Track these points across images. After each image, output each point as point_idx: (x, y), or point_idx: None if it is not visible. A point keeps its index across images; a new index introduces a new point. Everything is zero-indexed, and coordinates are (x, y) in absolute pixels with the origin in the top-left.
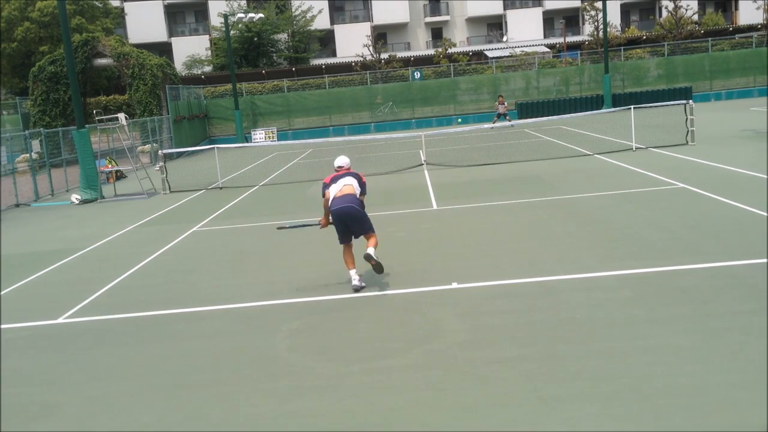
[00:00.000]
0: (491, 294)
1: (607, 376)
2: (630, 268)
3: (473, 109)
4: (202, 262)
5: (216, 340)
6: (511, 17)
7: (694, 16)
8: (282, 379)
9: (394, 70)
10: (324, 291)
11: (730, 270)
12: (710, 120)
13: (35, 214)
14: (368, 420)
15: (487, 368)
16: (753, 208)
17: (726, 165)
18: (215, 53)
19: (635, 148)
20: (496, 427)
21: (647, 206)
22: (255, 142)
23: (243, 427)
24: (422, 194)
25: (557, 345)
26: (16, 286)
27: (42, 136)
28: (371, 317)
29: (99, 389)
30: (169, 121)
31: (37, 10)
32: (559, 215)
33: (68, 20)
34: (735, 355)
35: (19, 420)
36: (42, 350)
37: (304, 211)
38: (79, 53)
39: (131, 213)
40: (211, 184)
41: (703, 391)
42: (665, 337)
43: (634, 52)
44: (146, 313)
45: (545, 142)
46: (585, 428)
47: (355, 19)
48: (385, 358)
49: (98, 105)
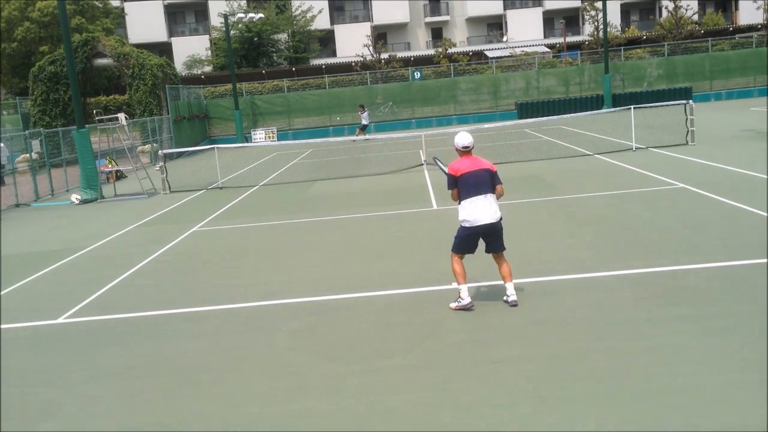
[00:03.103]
0: (491, 294)
1: (607, 376)
2: (630, 268)
3: (473, 109)
4: (202, 262)
5: (216, 340)
6: (511, 17)
7: (694, 16)
8: (282, 379)
9: (394, 70)
10: (324, 291)
11: (730, 270)
12: (710, 120)
13: (35, 214)
14: (368, 420)
15: (487, 368)
16: (753, 208)
17: (726, 165)
18: (215, 53)
19: (635, 148)
20: (496, 427)
21: (647, 206)
22: (255, 142)
23: (243, 427)
24: (422, 194)
25: (557, 345)
26: (16, 286)
27: (42, 136)
28: (371, 317)
29: (99, 389)
30: (169, 121)
31: (37, 10)
32: (559, 215)
33: (68, 20)
34: (735, 355)
35: (19, 420)
36: (42, 350)
37: (305, 210)
38: (79, 53)
39: (131, 213)
40: (211, 184)
41: (703, 391)
42: (665, 337)
43: (634, 52)
44: (146, 313)
45: (545, 142)
46: (585, 428)
47: (355, 19)
48: (385, 358)
49: (98, 105)
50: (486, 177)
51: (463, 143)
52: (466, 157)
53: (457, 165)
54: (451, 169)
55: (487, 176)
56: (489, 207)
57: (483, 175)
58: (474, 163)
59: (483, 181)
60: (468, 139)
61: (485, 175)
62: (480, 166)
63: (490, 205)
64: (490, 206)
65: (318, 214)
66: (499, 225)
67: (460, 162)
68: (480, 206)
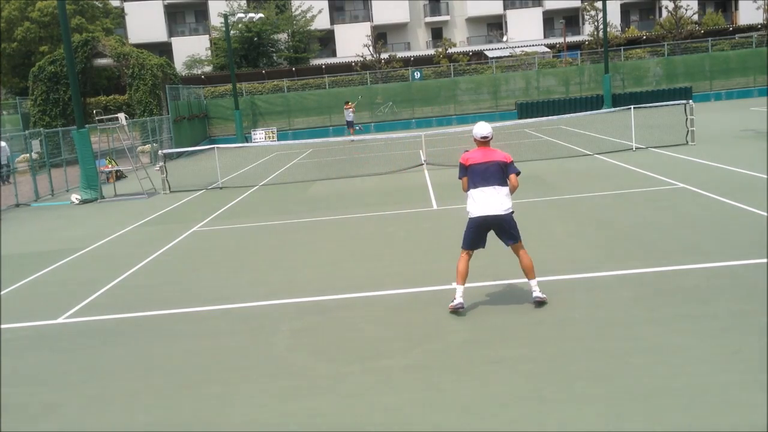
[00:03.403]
0: (491, 294)
1: (607, 376)
2: (630, 268)
3: (473, 109)
4: (202, 262)
5: (216, 340)
6: (511, 17)
7: (694, 16)
8: (282, 379)
9: (394, 70)
10: (324, 291)
11: (730, 270)
12: (710, 120)
13: (35, 214)
14: (368, 420)
15: (487, 368)
16: (753, 208)
17: (726, 165)
18: (215, 53)
19: (635, 148)
20: (496, 427)
21: (647, 206)
22: (255, 142)
23: (243, 427)
24: (422, 194)
25: (557, 345)
26: (16, 286)
27: (42, 136)
28: (371, 317)
29: (99, 389)
30: (169, 121)
31: (37, 10)
32: (559, 215)
33: (68, 20)
34: (735, 355)
35: (19, 420)
36: (42, 350)
37: (305, 210)
38: (79, 53)
39: (131, 213)
40: (211, 184)
41: (703, 391)
42: (665, 337)
43: (634, 52)
44: (146, 313)
45: (545, 142)
46: (585, 428)
47: (355, 19)
48: (385, 358)
49: (98, 105)
50: (496, 169)
51: (481, 133)
52: (482, 148)
53: (469, 155)
54: (462, 158)
55: (498, 168)
56: (495, 198)
57: (493, 166)
58: (487, 154)
59: (492, 173)
60: (486, 130)
61: (496, 167)
62: (492, 158)
63: (497, 196)
64: (497, 198)
65: (318, 214)
66: (507, 217)
67: (474, 152)
68: (485, 197)
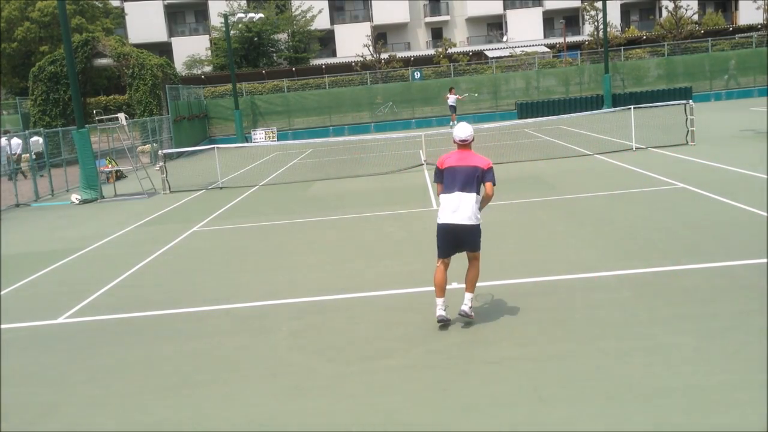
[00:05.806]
0: (491, 294)
1: (607, 376)
2: (630, 268)
3: (473, 109)
4: (202, 262)
5: (216, 340)
6: (511, 17)
7: (694, 16)
8: (282, 379)
9: (394, 70)
10: (324, 291)
11: (730, 270)
12: (710, 120)
13: (35, 214)
14: (368, 420)
15: (487, 368)
16: (753, 208)
17: (726, 165)
18: (215, 53)
19: (635, 148)
20: (496, 427)
21: (647, 206)
22: (255, 142)
23: (243, 427)
24: (422, 194)
25: (557, 345)
26: (16, 286)
27: (42, 135)
28: (371, 317)
29: (99, 389)
30: (169, 121)
31: (37, 10)
32: (559, 215)
33: (68, 20)
34: (735, 355)
35: (19, 420)
36: (42, 350)
37: (305, 210)
38: (79, 53)
39: (131, 213)
40: (211, 184)
41: (703, 391)
42: (665, 337)
43: (634, 52)
44: (146, 313)
45: (545, 142)
46: (585, 428)
47: (355, 19)
48: (385, 358)
49: (98, 105)
50: (470, 175)
51: (459, 136)
52: (460, 151)
53: (445, 157)
54: (439, 160)
55: (473, 174)
56: (462, 207)
57: (468, 171)
58: (464, 158)
59: (464, 178)
60: (465, 132)
61: (470, 173)
62: (469, 163)
63: (465, 205)
64: (464, 207)
65: (318, 214)
66: (472, 230)
67: (450, 155)
68: (452, 204)
